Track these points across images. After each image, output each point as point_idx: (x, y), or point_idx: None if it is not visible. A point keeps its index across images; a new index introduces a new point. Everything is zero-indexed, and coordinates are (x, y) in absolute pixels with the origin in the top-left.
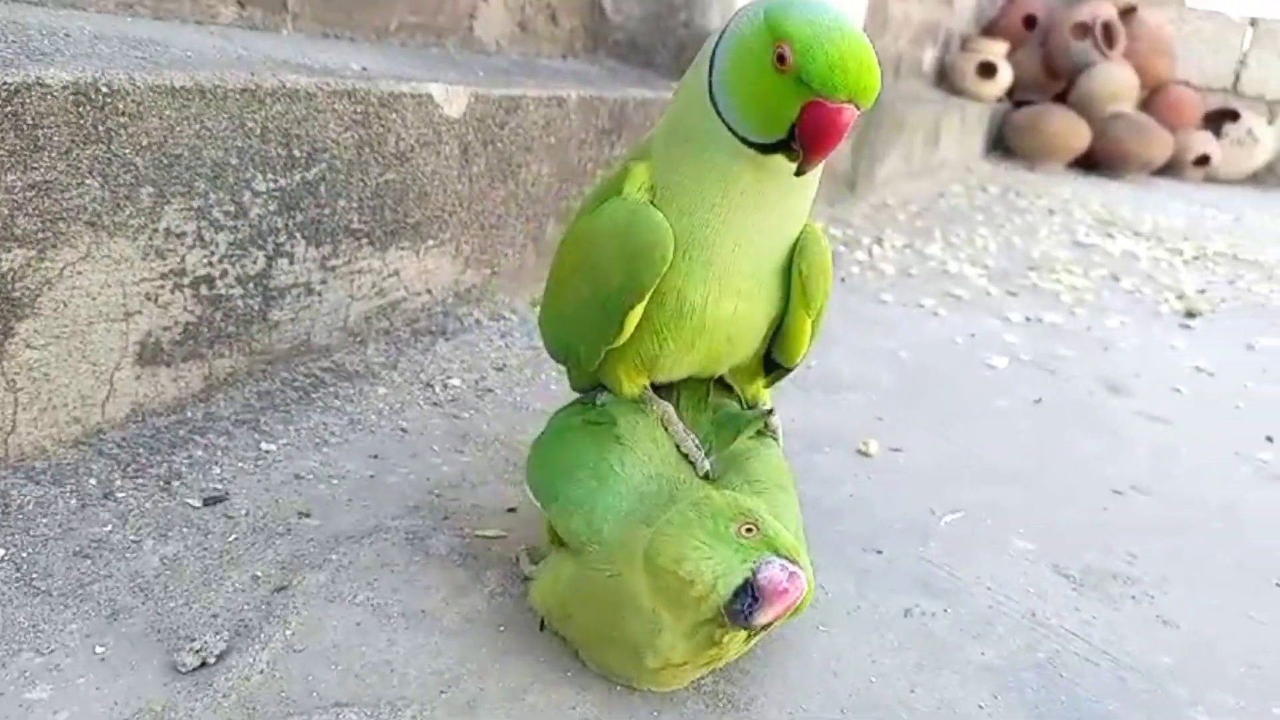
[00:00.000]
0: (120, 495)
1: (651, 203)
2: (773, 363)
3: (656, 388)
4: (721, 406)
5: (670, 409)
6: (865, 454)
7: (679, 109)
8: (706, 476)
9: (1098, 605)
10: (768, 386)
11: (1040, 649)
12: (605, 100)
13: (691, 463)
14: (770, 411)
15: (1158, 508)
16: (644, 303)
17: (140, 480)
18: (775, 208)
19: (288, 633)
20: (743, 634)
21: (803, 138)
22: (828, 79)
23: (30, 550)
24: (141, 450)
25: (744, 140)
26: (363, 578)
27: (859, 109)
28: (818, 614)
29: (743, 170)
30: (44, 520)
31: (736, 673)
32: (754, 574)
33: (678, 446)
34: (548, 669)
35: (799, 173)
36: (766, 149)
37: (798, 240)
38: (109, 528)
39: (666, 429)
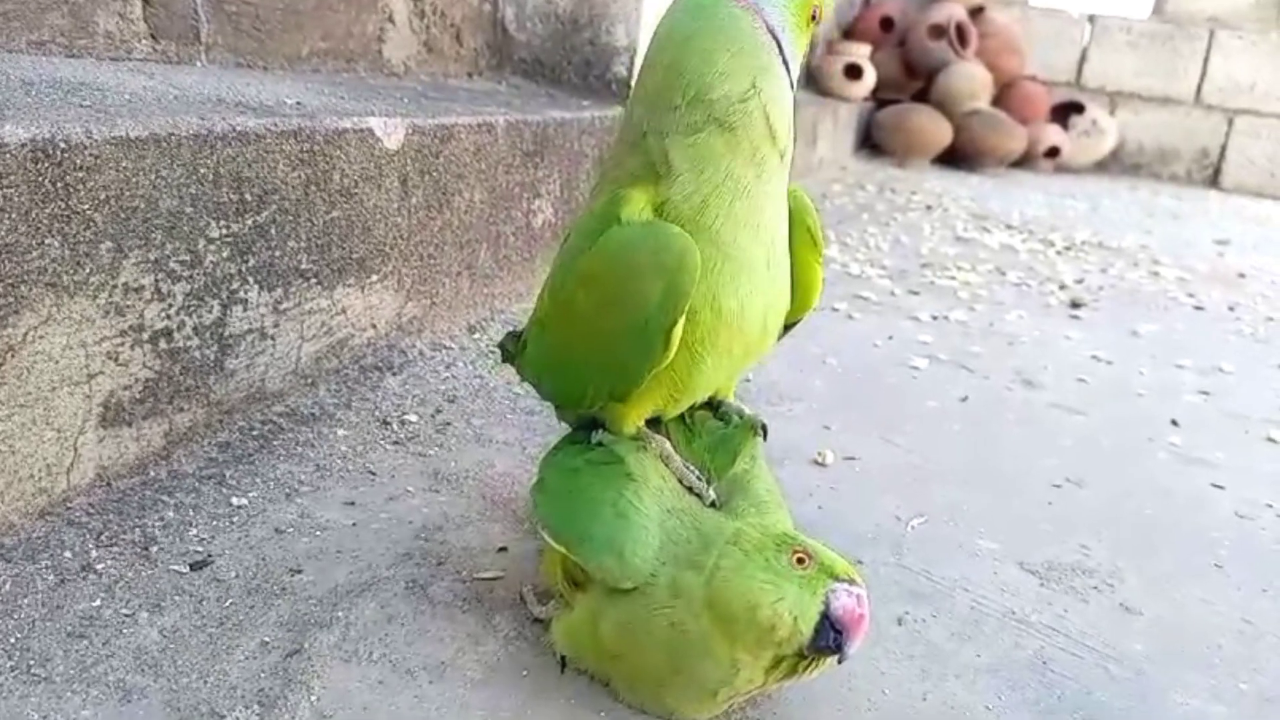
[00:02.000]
0: (100, 567)
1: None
2: None
3: (648, 423)
4: (708, 427)
5: (667, 444)
6: (822, 464)
7: (696, 134)
8: (714, 505)
9: (1066, 599)
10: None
11: (1027, 646)
12: (529, 124)
13: (697, 494)
14: (755, 418)
15: (1094, 499)
16: (684, 316)
17: (116, 549)
18: (775, 194)
19: (313, 699)
20: (831, 658)
21: None
22: None
23: (20, 635)
24: (111, 516)
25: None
26: (373, 634)
27: None
28: None
29: (751, 167)
30: (26, 600)
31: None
32: (827, 606)
33: (680, 480)
34: (580, 710)
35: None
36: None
37: (790, 206)
38: (97, 602)
39: (666, 464)
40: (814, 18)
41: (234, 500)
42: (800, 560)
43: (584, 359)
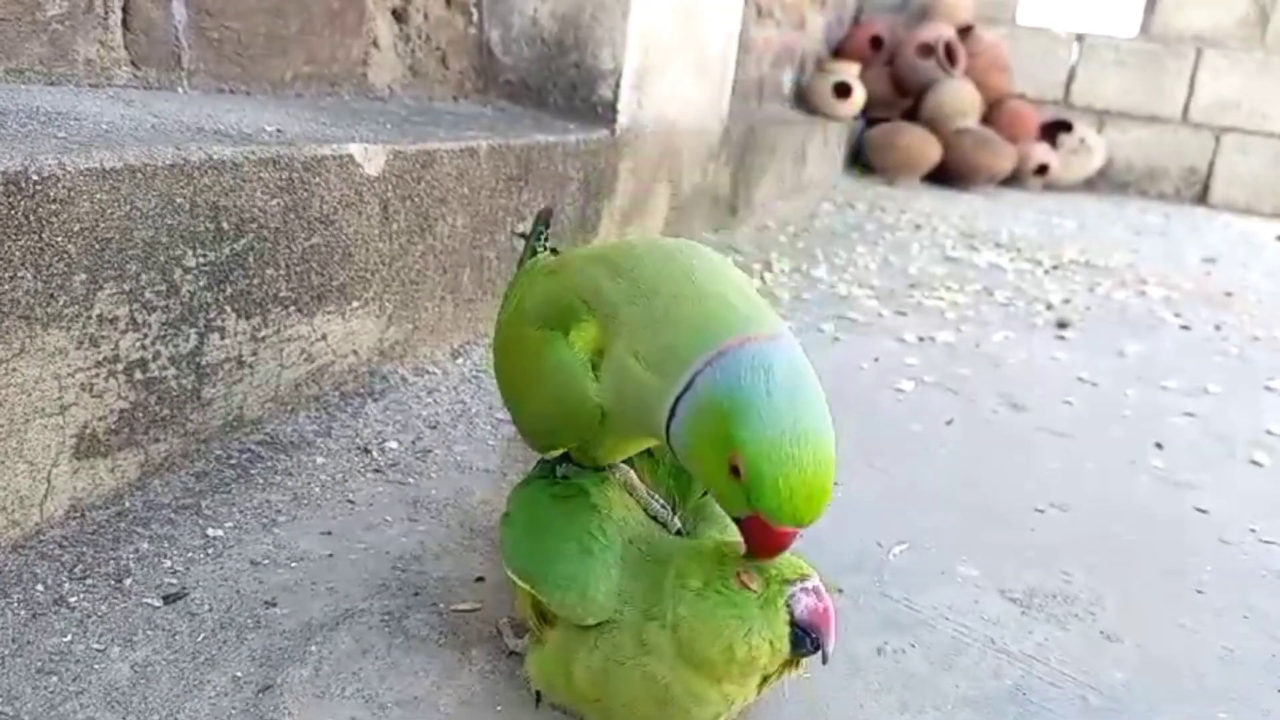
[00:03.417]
0: (73, 600)
1: (595, 365)
2: None
3: None
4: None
5: (630, 473)
6: None
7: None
8: (680, 533)
9: (1047, 627)
10: None
11: (1007, 676)
12: (513, 148)
13: (662, 523)
14: None
15: (1077, 524)
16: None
17: (90, 581)
18: None
19: None
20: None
21: (747, 540)
22: (774, 511)
23: None
24: (86, 549)
25: None
26: (347, 668)
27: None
28: None
29: None
30: None
31: None
32: (792, 615)
33: (645, 509)
34: None
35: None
36: None
37: None
38: (68, 637)
39: (631, 494)
40: (735, 470)
41: (210, 531)
42: (746, 578)
43: (526, 405)
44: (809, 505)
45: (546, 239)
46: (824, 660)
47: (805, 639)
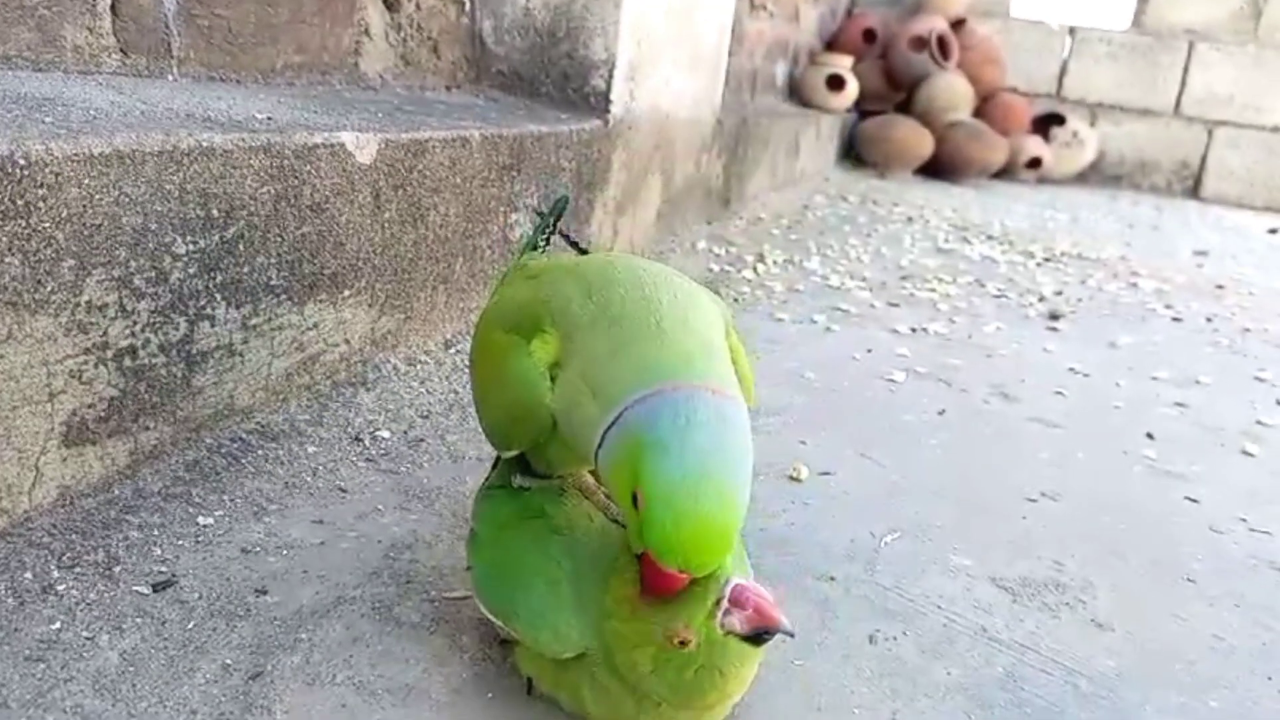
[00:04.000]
0: (61, 588)
1: (553, 377)
2: None
3: None
4: None
5: (586, 476)
6: (797, 479)
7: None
8: None
9: (1038, 615)
10: None
11: (998, 663)
12: (505, 137)
13: (620, 523)
14: None
15: (1068, 513)
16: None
17: (79, 570)
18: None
19: None
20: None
21: (641, 574)
22: (660, 551)
23: None
24: (75, 536)
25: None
26: (338, 655)
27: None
28: (790, 648)
29: None
30: None
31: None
32: (734, 631)
33: (604, 512)
34: None
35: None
36: None
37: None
38: (57, 625)
39: (588, 498)
40: (634, 500)
41: (200, 519)
42: (683, 643)
43: (489, 404)
44: (697, 553)
45: (553, 232)
46: (790, 635)
47: (762, 636)
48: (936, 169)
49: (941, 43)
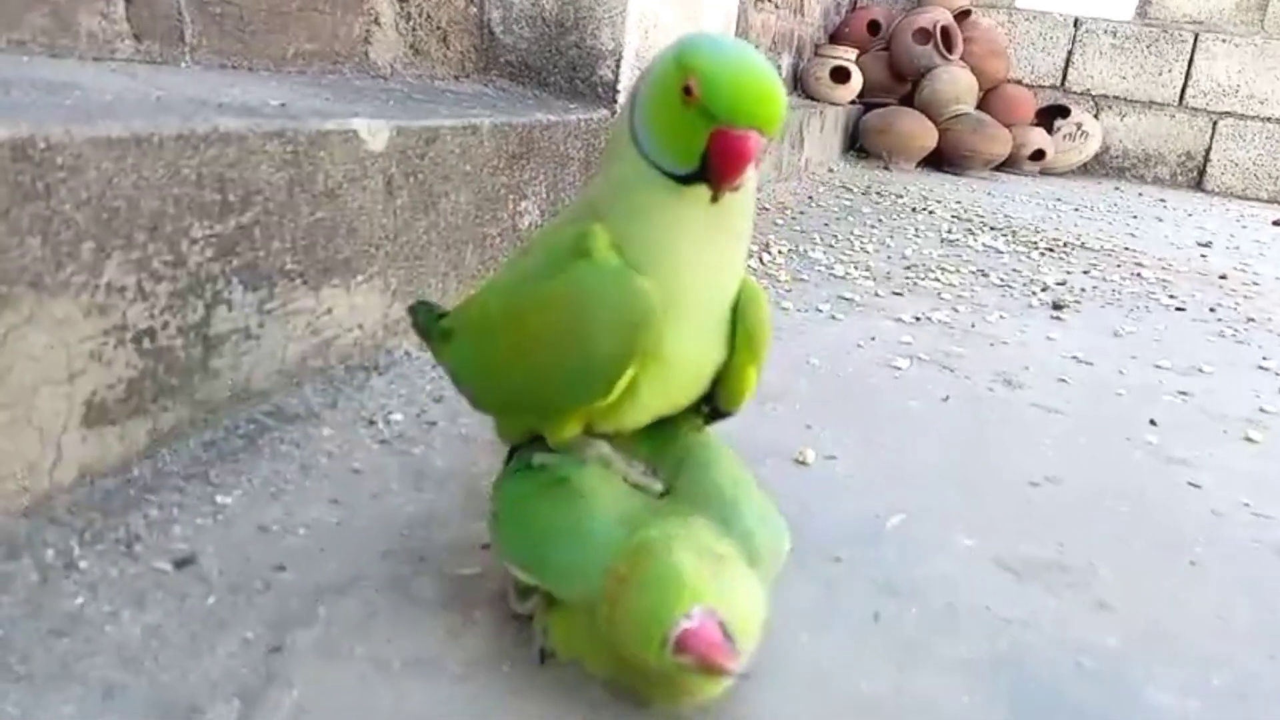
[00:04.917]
0: (83, 565)
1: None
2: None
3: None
4: None
5: (605, 446)
6: (803, 463)
7: (614, 163)
8: (664, 494)
9: (1042, 595)
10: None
11: (1001, 641)
12: (515, 126)
13: (644, 489)
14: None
15: (1071, 497)
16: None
17: (100, 547)
18: (722, 247)
19: (294, 695)
20: None
21: (712, 164)
22: (731, 108)
23: (1, 633)
24: (95, 515)
25: (665, 174)
26: (355, 630)
27: (764, 137)
28: (797, 624)
29: (687, 211)
30: (7, 599)
31: (732, 688)
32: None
33: (625, 479)
34: (561, 702)
35: (714, 199)
36: (685, 180)
37: (739, 296)
38: (80, 600)
39: (609, 467)
40: (688, 90)
41: (218, 499)
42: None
43: (517, 380)
44: (761, 101)
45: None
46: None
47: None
48: (940, 161)
49: (946, 35)
